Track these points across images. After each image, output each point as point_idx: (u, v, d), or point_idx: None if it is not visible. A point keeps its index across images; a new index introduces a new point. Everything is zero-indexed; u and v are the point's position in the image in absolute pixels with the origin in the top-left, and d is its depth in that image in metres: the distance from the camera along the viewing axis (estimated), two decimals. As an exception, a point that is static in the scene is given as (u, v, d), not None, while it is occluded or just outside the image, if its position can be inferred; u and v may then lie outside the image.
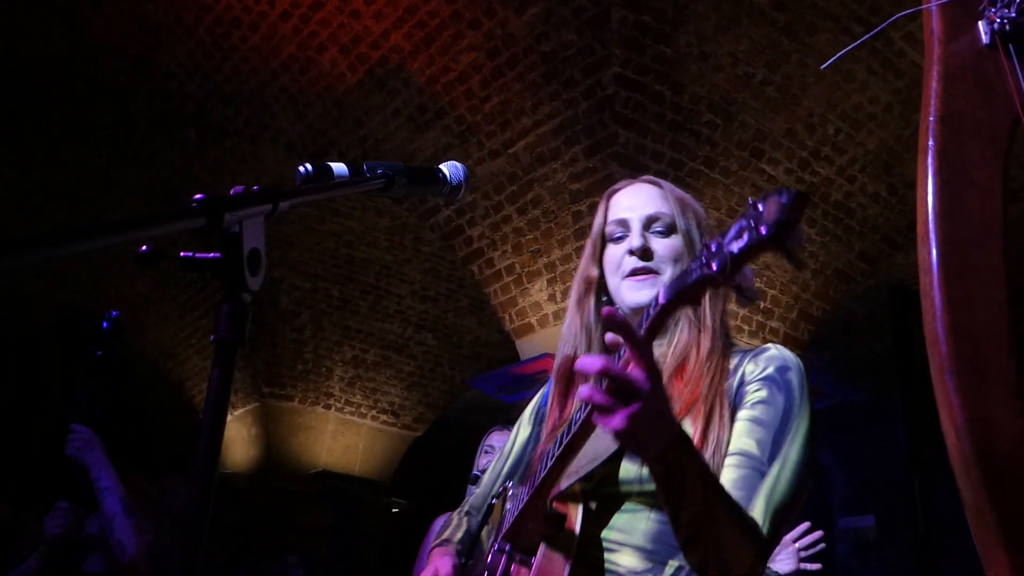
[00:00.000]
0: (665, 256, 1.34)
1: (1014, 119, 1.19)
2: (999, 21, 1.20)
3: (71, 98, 5.70)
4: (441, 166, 1.32)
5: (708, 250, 0.89)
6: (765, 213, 0.82)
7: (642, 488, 1.21)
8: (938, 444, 1.11)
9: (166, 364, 8.71)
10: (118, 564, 2.80)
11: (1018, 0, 1.18)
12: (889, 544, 8.15)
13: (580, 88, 4.43)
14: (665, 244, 1.35)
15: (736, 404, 1.24)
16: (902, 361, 6.32)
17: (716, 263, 0.87)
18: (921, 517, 6.15)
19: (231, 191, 0.88)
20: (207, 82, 5.34)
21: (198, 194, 0.83)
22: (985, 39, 1.22)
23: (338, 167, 1.20)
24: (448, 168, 1.32)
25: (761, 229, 0.82)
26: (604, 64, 4.28)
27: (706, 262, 0.88)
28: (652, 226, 1.37)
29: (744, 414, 1.22)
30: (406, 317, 7.83)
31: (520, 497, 1.29)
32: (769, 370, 1.25)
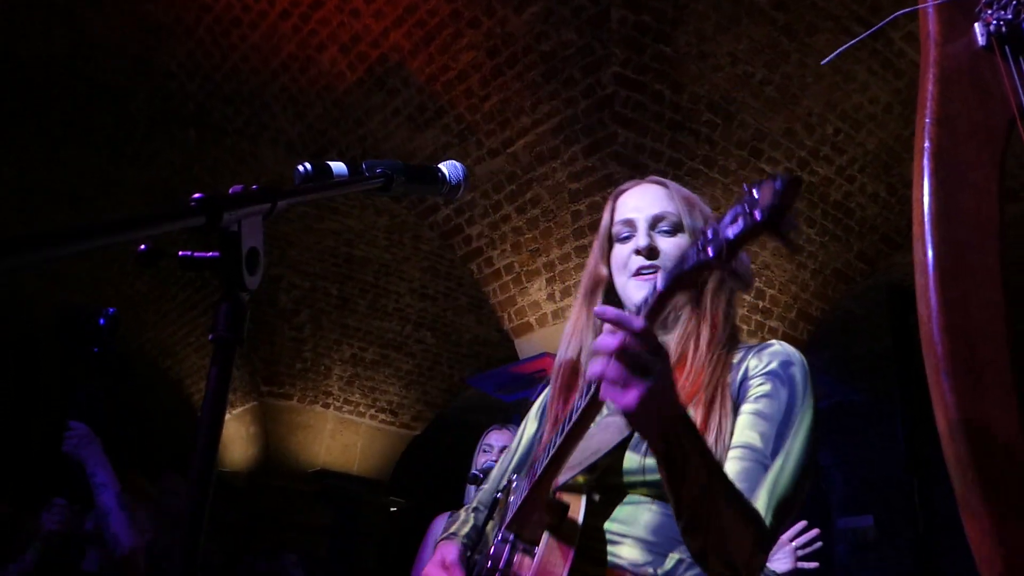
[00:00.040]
0: (671, 255, 1.35)
1: (1010, 120, 1.19)
2: (995, 23, 1.20)
3: (71, 98, 5.70)
4: (440, 165, 1.32)
5: (705, 236, 0.90)
6: (760, 199, 0.83)
7: (644, 479, 1.22)
8: (937, 444, 1.12)
9: (165, 362, 8.72)
10: (114, 560, 2.80)
11: (1014, 2, 1.18)
12: (888, 544, 8.15)
13: (579, 87, 4.43)
14: (671, 243, 1.37)
15: (740, 399, 1.25)
16: (901, 361, 6.33)
17: (712, 248, 0.88)
18: (920, 517, 6.15)
19: (230, 190, 0.89)
20: (207, 82, 5.34)
21: (197, 194, 0.83)
22: (981, 41, 1.22)
23: (337, 166, 1.20)
24: (447, 167, 1.32)
25: (756, 214, 0.83)
26: (603, 63, 4.28)
27: (703, 248, 0.90)
28: (658, 225, 1.39)
29: (748, 408, 1.23)
30: (405, 316, 7.82)
31: (523, 488, 1.30)
32: (773, 365, 1.27)
